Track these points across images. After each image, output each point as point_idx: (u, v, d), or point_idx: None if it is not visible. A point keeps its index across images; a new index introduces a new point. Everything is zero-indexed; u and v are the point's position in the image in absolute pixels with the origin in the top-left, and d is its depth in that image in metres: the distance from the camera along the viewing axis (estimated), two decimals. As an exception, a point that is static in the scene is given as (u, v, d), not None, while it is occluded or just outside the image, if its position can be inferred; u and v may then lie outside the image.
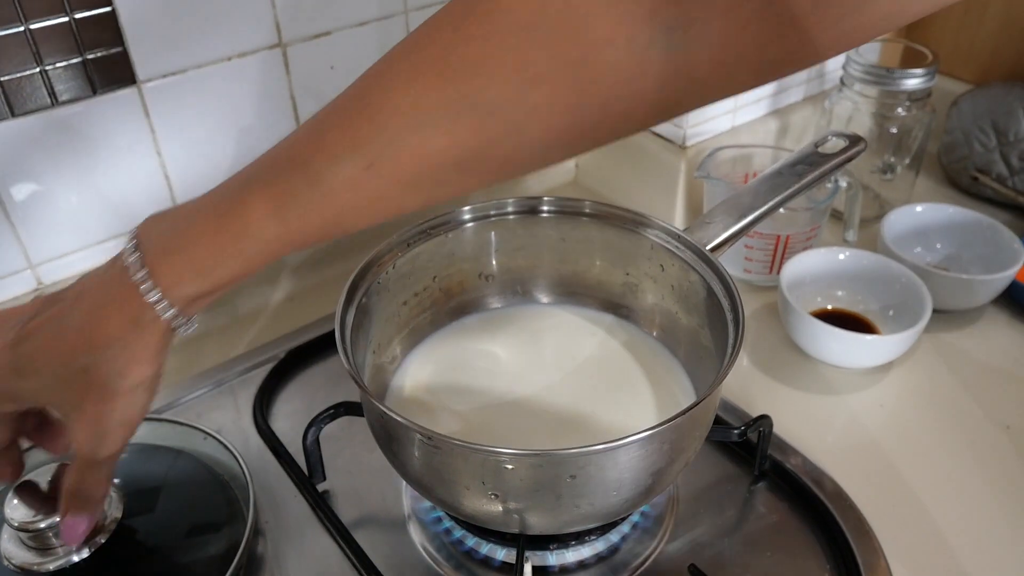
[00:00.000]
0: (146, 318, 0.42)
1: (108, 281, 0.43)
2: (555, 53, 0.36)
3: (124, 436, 0.45)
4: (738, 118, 0.89)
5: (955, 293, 0.76)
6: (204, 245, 0.41)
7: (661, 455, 0.48)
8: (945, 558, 0.58)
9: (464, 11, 0.37)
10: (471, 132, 0.38)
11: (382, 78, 0.41)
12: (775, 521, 0.60)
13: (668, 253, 0.60)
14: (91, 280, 0.44)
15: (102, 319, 0.42)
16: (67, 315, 0.43)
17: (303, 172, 0.40)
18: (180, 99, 0.69)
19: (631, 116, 0.39)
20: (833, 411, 0.70)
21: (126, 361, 0.42)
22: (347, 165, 0.39)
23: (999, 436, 0.67)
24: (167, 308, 0.42)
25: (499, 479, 0.47)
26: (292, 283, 0.82)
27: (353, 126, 0.39)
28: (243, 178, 0.41)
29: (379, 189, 0.40)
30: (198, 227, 0.41)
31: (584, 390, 0.61)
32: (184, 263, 0.41)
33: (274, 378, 0.71)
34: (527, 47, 0.36)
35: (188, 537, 0.57)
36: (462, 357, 0.64)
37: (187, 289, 0.41)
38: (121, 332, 0.42)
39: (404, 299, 0.62)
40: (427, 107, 0.38)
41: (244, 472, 0.60)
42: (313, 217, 0.41)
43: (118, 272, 0.42)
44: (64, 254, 0.69)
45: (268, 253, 0.41)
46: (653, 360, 0.63)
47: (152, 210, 0.44)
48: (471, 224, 0.63)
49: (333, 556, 0.58)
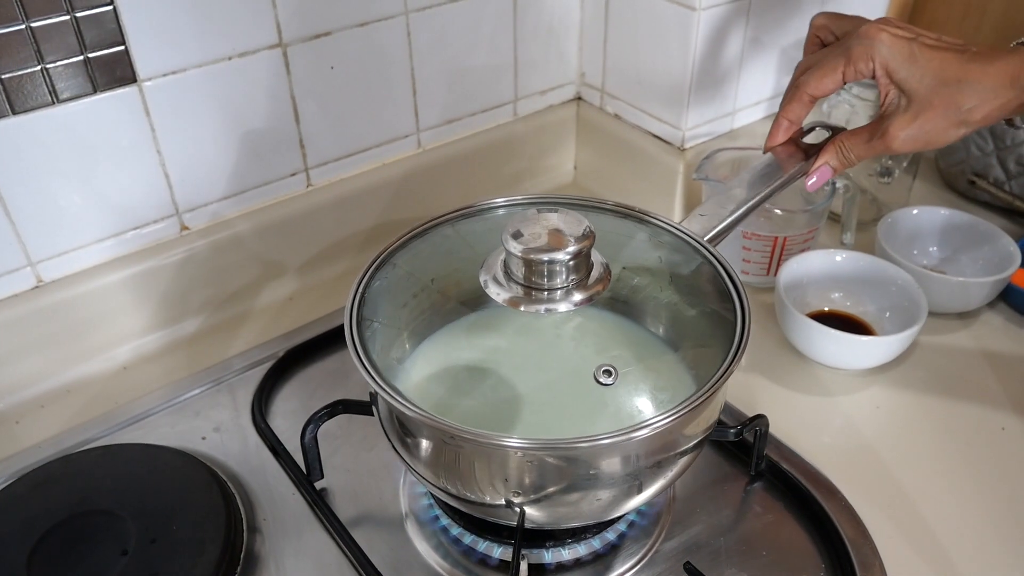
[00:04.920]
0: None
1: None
2: None
3: (920, 146, 0.61)
4: (737, 121, 0.90)
5: (951, 296, 0.76)
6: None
7: (664, 449, 0.49)
8: (940, 558, 0.58)
9: None
10: None
11: None
12: (771, 520, 0.60)
13: (666, 246, 0.61)
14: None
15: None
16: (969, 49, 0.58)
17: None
18: (181, 98, 0.69)
19: None
20: (829, 412, 0.70)
21: (981, 100, 0.57)
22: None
23: (995, 437, 0.67)
24: None
25: (505, 470, 0.48)
26: (292, 283, 0.82)
27: None
28: None
29: None
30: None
31: (588, 385, 0.61)
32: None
33: (272, 377, 0.71)
34: None
35: (185, 535, 0.57)
36: (466, 354, 0.64)
37: None
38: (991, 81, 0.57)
39: (413, 292, 0.63)
40: None
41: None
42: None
43: None
44: (64, 252, 0.70)
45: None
46: (655, 355, 0.63)
47: (152, 210, 0.44)
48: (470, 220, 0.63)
49: (331, 554, 0.59)
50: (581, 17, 0.90)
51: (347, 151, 0.81)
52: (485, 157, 0.91)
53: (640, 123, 0.90)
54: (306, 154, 0.79)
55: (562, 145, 0.98)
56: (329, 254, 0.83)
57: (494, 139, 0.91)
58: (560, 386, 0.61)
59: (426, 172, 0.86)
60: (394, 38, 0.78)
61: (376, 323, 0.58)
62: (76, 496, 0.59)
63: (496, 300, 0.54)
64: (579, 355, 0.63)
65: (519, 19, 0.86)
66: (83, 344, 0.72)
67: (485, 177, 0.92)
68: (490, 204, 0.63)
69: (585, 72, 0.94)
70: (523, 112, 0.93)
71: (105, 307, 0.72)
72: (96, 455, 0.63)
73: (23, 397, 0.70)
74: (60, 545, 0.56)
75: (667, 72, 0.83)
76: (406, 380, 0.61)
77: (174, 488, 0.61)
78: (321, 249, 0.83)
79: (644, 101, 0.88)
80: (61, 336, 0.71)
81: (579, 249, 0.52)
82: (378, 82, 0.79)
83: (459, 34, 0.82)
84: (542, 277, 0.53)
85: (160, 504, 0.59)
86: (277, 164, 0.78)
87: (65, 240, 0.69)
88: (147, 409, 0.69)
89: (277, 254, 0.80)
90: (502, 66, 0.88)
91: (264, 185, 0.78)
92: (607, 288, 0.55)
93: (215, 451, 0.65)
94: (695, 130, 0.86)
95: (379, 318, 0.59)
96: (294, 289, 0.82)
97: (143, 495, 0.60)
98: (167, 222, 0.74)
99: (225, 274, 0.78)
